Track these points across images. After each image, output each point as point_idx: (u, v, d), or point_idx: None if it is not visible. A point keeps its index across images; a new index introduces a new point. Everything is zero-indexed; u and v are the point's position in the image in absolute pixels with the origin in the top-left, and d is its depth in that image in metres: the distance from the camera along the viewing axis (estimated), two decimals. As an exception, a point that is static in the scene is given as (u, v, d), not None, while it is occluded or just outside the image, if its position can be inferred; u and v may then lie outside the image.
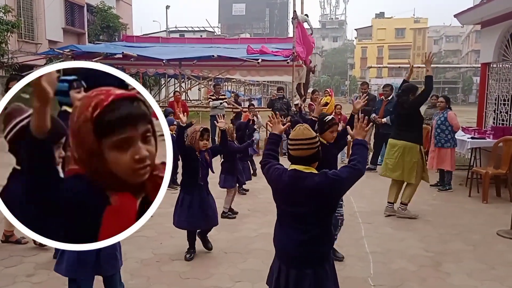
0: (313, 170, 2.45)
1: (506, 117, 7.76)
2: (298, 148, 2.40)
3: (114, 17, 22.95)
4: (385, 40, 66.59)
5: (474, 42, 55.04)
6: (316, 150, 2.44)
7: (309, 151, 2.40)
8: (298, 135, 2.42)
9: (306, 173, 2.40)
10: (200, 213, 4.29)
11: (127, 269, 4.07)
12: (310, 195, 2.38)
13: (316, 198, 2.37)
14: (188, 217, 4.27)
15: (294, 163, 2.46)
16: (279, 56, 12.11)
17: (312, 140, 2.42)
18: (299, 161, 2.43)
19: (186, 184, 4.39)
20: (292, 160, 2.47)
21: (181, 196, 4.39)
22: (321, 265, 2.41)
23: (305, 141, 2.40)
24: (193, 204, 4.27)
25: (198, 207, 4.28)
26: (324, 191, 2.36)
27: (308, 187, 2.37)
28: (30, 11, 18.05)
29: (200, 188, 4.33)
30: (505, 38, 7.98)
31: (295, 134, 2.45)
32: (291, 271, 2.41)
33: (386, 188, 7.37)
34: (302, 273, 2.38)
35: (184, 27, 50.13)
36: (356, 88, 58.69)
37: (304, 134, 2.42)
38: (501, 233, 5.06)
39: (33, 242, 4.53)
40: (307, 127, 2.48)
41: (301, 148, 2.40)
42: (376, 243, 4.82)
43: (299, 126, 2.49)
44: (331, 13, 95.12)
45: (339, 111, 10.03)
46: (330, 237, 2.53)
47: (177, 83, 17.71)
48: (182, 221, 4.33)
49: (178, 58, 12.59)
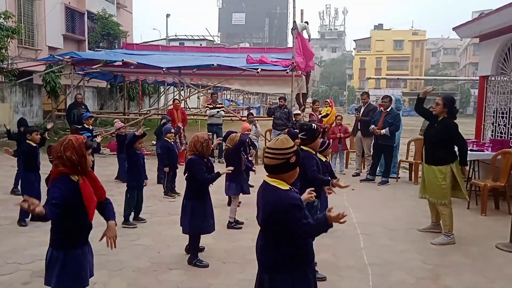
0: (280, 183, 2.38)
1: (505, 129, 7.78)
2: (266, 156, 2.44)
3: (114, 24, 23.05)
4: (383, 51, 67.06)
5: (472, 55, 55.51)
6: (283, 161, 2.37)
7: (273, 160, 2.39)
8: (271, 144, 2.47)
9: (270, 185, 2.41)
10: (210, 218, 4.57)
11: (124, 278, 4.04)
12: (262, 207, 2.44)
13: (264, 212, 2.41)
14: (203, 222, 4.48)
15: (265, 171, 2.49)
16: (279, 66, 12.16)
17: (280, 151, 2.38)
18: (266, 170, 2.46)
19: (198, 191, 4.52)
20: (264, 167, 2.50)
21: (193, 204, 4.48)
22: (279, 273, 2.40)
23: (273, 151, 2.40)
24: (207, 210, 4.54)
25: (211, 212, 4.59)
26: (268, 211, 2.38)
27: (264, 199, 2.43)
28: (30, 17, 18.11)
29: (209, 194, 4.61)
30: (503, 52, 8.03)
31: (270, 143, 2.50)
32: (258, 273, 2.55)
33: (385, 200, 7.41)
34: (262, 277, 2.49)
35: (184, 36, 50.43)
36: (354, 98, 59.05)
37: (275, 144, 2.43)
38: (500, 246, 5.04)
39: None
40: (285, 138, 2.47)
41: (268, 156, 2.43)
42: (375, 255, 4.79)
43: (279, 136, 2.52)
44: (330, 24, 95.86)
45: (340, 121, 10.05)
46: (288, 247, 2.38)
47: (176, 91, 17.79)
48: (202, 227, 4.50)
49: (177, 67, 12.62)
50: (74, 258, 2.75)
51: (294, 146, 2.43)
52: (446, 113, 5.18)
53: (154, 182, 8.29)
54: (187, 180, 4.57)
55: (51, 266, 2.73)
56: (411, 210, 6.58)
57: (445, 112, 5.18)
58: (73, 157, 2.64)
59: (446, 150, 5.19)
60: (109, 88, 21.18)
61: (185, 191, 4.62)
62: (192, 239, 4.52)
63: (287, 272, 2.39)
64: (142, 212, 6.01)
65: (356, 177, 9.45)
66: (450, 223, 5.19)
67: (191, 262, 4.41)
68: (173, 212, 5.99)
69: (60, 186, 2.62)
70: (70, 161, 2.64)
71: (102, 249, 3.30)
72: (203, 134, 4.67)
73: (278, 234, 2.39)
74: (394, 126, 8.55)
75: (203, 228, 4.50)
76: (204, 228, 4.51)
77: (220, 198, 6.45)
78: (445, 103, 5.16)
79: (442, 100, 5.20)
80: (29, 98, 16.35)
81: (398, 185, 8.79)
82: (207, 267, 4.35)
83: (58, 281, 2.71)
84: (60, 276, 2.70)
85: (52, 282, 2.72)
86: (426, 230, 5.71)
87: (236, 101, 32.73)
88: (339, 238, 5.29)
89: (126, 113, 17.67)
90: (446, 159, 5.17)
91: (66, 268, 2.72)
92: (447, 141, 5.19)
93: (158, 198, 7.24)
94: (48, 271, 2.75)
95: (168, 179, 7.45)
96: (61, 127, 16.25)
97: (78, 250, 2.78)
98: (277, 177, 2.41)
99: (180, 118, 10.68)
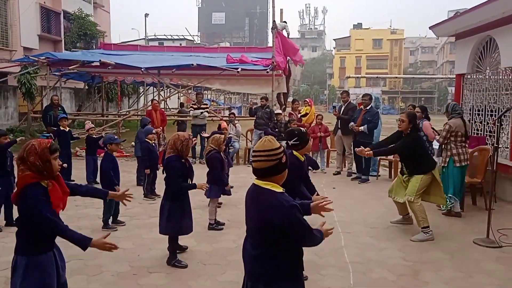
0: (274, 186, 2.31)
1: (481, 126, 7.94)
2: (257, 160, 2.34)
3: (91, 24, 22.66)
4: (363, 50, 67.77)
5: (449, 53, 56.63)
6: (276, 163, 2.30)
7: (267, 163, 2.30)
8: (259, 147, 2.36)
9: (264, 188, 2.32)
10: (188, 219, 4.55)
11: (103, 283, 3.96)
12: (259, 214, 2.30)
13: (263, 220, 2.27)
14: (181, 223, 4.46)
15: (255, 175, 2.38)
16: (259, 65, 12.16)
17: (271, 152, 2.31)
18: (257, 173, 2.35)
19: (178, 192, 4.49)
20: (253, 172, 2.39)
21: (170, 204, 4.44)
22: (273, 282, 2.32)
23: (263, 153, 2.31)
24: (185, 211, 4.51)
25: (189, 213, 4.57)
26: (273, 220, 2.21)
27: (260, 205, 2.31)
28: (4, 17, 17.66)
29: (187, 195, 4.59)
30: (478, 50, 8.20)
31: (257, 145, 2.39)
32: (248, 283, 2.43)
33: (366, 199, 7.47)
34: (255, 286, 2.37)
35: (163, 35, 50.03)
36: (335, 97, 59.54)
37: (263, 146, 2.34)
38: (477, 242, 5.14)
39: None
40: (271, 138, 2.40)
41: (259, 160, 2.32)
42: (356, 253, 4.82)
43: (264, 137, 2.43)
44: (310, 23, 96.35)
45: (320, 121, 10.09)
46: (286, 256, 2.33)
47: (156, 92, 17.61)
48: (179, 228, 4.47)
49: (157, 67, 12.50)
50: (37, 265, 2.64)
51: (281, 146, 2.39)
52: (410, 129, 5.41)
53: (134, 184, 8.18)
54: (165, 180, 4.51)
55: (16, 273, 2.63)
56: (391, 208, 6.61)
57: (409, 127, 5.41)
58: (36, 163, 2.58)
59: (421, 161, 5.39)
60: (87, 89, 20.80)
61: (164, 191, 4.57)
62: (170, 240, 4.47)
63: (285, 280, 2.33)
64: (121, 214, 5.92)
65: (337, 176, 9.52)
66: (423, 218, 5.29)
67: (169, 262, 4.37)
68: (153, 215, 5.92)
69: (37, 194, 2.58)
70: (34, 166, 2.58)
71: (79, 254, 3.23)
72: (184, 133, 4.61)
73: (276, 242, 2.28)
74: (372, 123, 8.65)
75: (180, 228, 4.46)
76: (181, 229, 4.47)
77: (201, 199, 6.38)
78: (410, 120, 5.41)
79: (407, 117, 5.43)
80: (4, 100, 15.95)
81: (379, 183, 8.88)
82: (186, 268, 4.31)
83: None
84: (23, 283, 2.60)
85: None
86: (399, 222, 5.89)
87: (217, 101, 32.65)
88: (320, 237, 5.31)
89: (104, 114, 17.43)
90: (424, 170, 5.35)
91: (28, 275, 2.61)
92: (421, 153, 5.41)
93: (137, 200, 7.12)
94: (13, 277, 2.65)
95: (148, 181, 7.35)
96: (37, 129, 15.90)
97: (41, 256, 2.66)
98: (268, 180, 2.33)
99: (159, 119, 10.56)
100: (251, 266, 2.41)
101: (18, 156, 2.63)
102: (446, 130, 6.17)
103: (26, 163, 2.58)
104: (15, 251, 2.69)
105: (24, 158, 2.59)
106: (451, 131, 6.14)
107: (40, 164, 2.59)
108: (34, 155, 2.58)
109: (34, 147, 2.60)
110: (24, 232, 2.66)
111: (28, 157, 2.58)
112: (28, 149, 2.59)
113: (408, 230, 5.61)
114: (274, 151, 2.32)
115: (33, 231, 2.62)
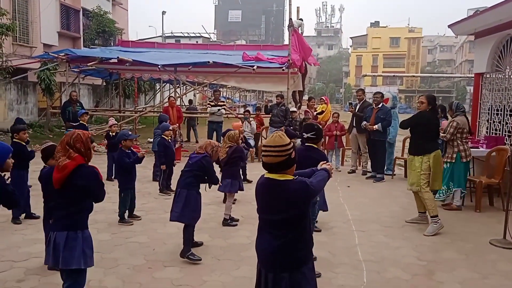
0: (288, 176, 2.47)
1: (499, 126, 7.82)
2: (267, 155, 2.45)
3: (110, 21, 22.95)
4: (380, 48, 67.10)
5: (468, 52, 55.60)
6: (286, 158, 2.44)
7: (277, 158, 2.43)
8: (269, 142, 2.48)
9: (281, 180, 2.45)
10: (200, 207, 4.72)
11: (119, 276, 4.04)
12: (287, 202, 2.44)
13: (293, 205, 2.44)
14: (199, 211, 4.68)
15: (266, 169, 2.51)
16: (275, 63, 12.14)
17: (282, 148, 2.43)
18: (269, 168, 2.48)
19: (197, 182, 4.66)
20: (264, 166, 2.51)
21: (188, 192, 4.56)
22: (297, 269, 2.47)
23: (274, 148, 2.43)
24: (199, 199, 4.66)
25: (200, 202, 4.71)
26: (302, 199, 2.45)
27: (285, 195, 2.44)
28: (25, 14, 17.99)
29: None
30: (498, 49, 8.06)
31: (267, 141, 2.51)
32: (269, 275, 2.50)
33: (381, 197, 7.43)
34: (278, 277, 2.47)
35: (180, 33, 50.27)
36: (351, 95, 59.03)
37: (274, 141, 2.45)
38: (494, 242, 5.07)
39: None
40: (281, 134, 2.51)
41: (270, 155, 2.44)
42: (370, 252, 4.80)
43: (275, 133, 2.55)
44: (327, 21, 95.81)
45: (336, 119, 10.06)
46: (306, 242, 2.56)
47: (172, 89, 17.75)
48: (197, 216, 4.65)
49: (173, 64, 12.58)
50: (87, 238, 3.08)
51: (291, 142, 2.50)
52: (429, 110, 5.65)
53: (150, 180, 8.28)
54: (188, 171, 4.60)
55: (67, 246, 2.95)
56: (406, 207, 6.59)
57: (428, 109, 5.66)
58: (81, 149, 2.99)
59: (425, 140, 5.59)
60: (105, 86, 21.10)
61: (179, 181, 4.65)
62: (187, 229, 4.52)
63: (305, 265, 2.51)
64: (137, 209, 6.01)
65: (352, 174, 9.48)
66: (432, 206, 5.45)
67: (184, 255, 4.41)
68: (168, 210, 5.93)
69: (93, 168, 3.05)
70: (80, 152, 2.98)
71: (96, 246, 3.30)
72: (215, 141, 4.96)
73: (301, 228, 2.50)
74: (386, 121, 8.58)
75: (197, 216, 4.62)
76: (197, 217, 4.64)
77: (216, 195, 6.45)
78: (429, 101, 5.65)
79: (427, 99, 5.69)
80: (24, 96, 16.26)
81: (394, 182, 8.82)
82: (200, 262, 4.35)
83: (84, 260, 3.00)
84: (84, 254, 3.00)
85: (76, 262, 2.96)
86: (414, 221, 5.90)
87: (232, 99, 32.71)
88: (334, 236, 5.31)
89: (121, 110, 17.62)
90: (425, 149, 5.55)
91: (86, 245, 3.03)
92: (427, 131, 5.61)
93: (153, 196, 7.23)
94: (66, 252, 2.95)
95: (164, 177, 7.44)
96: (56, 124, 16.19)
97: (87, 231, 3.11)
98: (282, 173, 2.47)
99: (175, 115, 10.65)
100: (274, 257, 2.50)
101: (65, 142, 2.98)
102: (453, 127, 6.29)
103: (73, 148, 2.97)
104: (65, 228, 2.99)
105: (71, 144, 2.97)
106: (458, 127, 6.28)
107: (84, 150, 3.00)
108: (80, 142, 2.99)
109: (80, 136, 3.01)
110: (78, 210, 3.03)
111: (75, 143, 2.98)
112: (75, 137, 2.99)
113: (423, 230, 5.55)
114: (285, 147, 2.44)
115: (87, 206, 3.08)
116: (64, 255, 2.95)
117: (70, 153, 2.95)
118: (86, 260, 3.03)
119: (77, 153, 2.96)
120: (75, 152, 2.96)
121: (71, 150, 2.96)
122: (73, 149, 2.96)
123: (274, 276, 2.48)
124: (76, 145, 2.97)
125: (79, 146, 2.97)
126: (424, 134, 5.59)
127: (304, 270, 2.49)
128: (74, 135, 3.01)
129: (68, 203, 3.00)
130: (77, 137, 3.00)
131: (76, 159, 2.95)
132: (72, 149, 2.96)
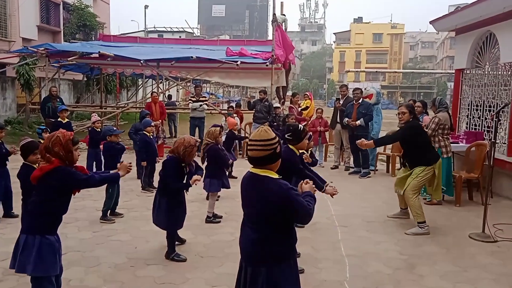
0: (270, 173, 2.46)
1: (479, 122, 7.95)
2: (253, 149, 2.45)
3: (91, 15, 22.55)
4: (363, 44, 67.61)
5: (449, 48, 56.45)
6: (271, 152, 2.43)
7: (262, 152, 2.42)
8: (255, 136, 2.48)
9: (261, 176, 2.45)
10: (185, 213, 4.60)
11: (100, 274, 3.98)
12: (261, 198, 2.43)
13: (268, 203, 2.40)
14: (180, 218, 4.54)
15: (251, 163, 2.51)
16: (258, 58, 12.11)
17: (267, 142, 2.43)
18: (254, 162, 2.48)
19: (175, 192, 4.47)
20: (249, 160, 2.52)
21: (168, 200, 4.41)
22: (275, 264, 2.45)
23: (259, 142, 2.42)
24: (182, 205, 4.54)
25: (185, 207, 4.59)
26: (278, 199, 2.38)
27: (261, 190, 2.43)
28: (3, 8, 17.55)
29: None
30: (478, 45, 8.19)
31: (253, 135, 2.51)
32: (248, 268, 2.51)
33: (363, 193, 7.49)
34: (256, 270, 2.46)
35: (163, 28, 49.79)
36: (334, 91, 59.46)
37: (260, 135, 2.45)
38: (473, 236, 5.17)
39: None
40: (267, 128, 2.51)
41: (255, 149, 2.44)
42: (352, 246, 4.85)
43: (260, 127, 2.55)
44: (310, 17, 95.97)
45: (320, 115, 10.09)
46: (286, 237, 2.52)
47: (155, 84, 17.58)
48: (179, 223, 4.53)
49: (156, 59, 12.44)
50: (50, 244, 2.88)
51: (276, 137, 2.50)
52: (411, 119, 5.47)
53: (133, 177, 8.19)
54: (161, 177, 4.50)
55: (26, 251, 2.81)
56: (389, 202, 6.66)
57: (410, 118, 5.46)
58: (60, 153, 2.87)
59: (424, 151, 5.45)
60: (86, 81, 20.73)
61: (158, 186, 4.56)
62: (169, 235, 4.47)
63: (283, 261, 2.48)
64: (119, 207, 5.93)
65: (335, 170, 9.54)
66: (418, 214, 5.32)
67: (168, 256, 4.37)
68: (150, 207, 5.89)
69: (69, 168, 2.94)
70: (58, 156, 2.86)
71: (77, 245, 3.25)
72: (190, 139, 4.40)
73: (276, 223, 2.45)
74: (368, 116, 8.65)
75: (178, 224, 4.50)
76: (179, 224, 4.51)
77: (199, 192, 6.41)
78: (410, 111, 5.49)
79: (407, 109, 5.51)
80: (2, 91, 15.87)
81: (376, 177, 8.91)
82: (185, 261, 4.32)
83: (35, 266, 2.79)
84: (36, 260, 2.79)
85: (28, 268, 2.80)
86: (396, 216, 5.94)
87: (216, 94, 32.58)
88: (317, 231, 5.34)
89: (103, 106, 17.36)
90: (427, 160, 5.40)
91: (42, 253, 2.82)
92: (423, 143, 5.46)
93: (135, 193, 7.16)
94: (22, 256, 2.82)
95: (146, 174, 7.36)
96: (35, 121, 15.86)
97: (52, 237, 2.92)
98: (264, 168, 2.46)
99: (158, 111, 10.55)
100: (252, 250, 2.51)
101: (43, 146, 2.89)
102: (435, 123, 6.29)
103: (51, 152, 2.86)
104: (26, 230, 2.88)
105: (49, 148, 2.86)
106: (440, 123, 6.28)
107: (63, 154, 2.88)
108: (59, 145, 2.87)
109: (59, 138, 2.88)
110: (42, 212, 2.89)
111: (53, 147, 2.86)
112: (53, 140, 2.87)
113: (405, 225, 5.63)
114: (270, 141, 2.44)
115: (52, 210, 2.92)
116: (20, 259, 2.85)
117: (48, 157, 2.87)
118: (46, 268, 2.85)
119: (55, 157, 2.87)
120: (52, 156, 2.87)
121: (49, 154, 2.87)
122: (51, 153, 2.87)
123: (252, 270, 2.48)
124: (54, 149, 2.87)
125: (57, 150, 2.87)
126: (422, 144, 5.45)
127: (284, 267, 2.47)
128: (53, 138, 2.90)
129: (37, 202, 2.92)
130: (56, 140, 2.89)
131: (54, 163, 2.87)
132: (50, 153, 2.87)
